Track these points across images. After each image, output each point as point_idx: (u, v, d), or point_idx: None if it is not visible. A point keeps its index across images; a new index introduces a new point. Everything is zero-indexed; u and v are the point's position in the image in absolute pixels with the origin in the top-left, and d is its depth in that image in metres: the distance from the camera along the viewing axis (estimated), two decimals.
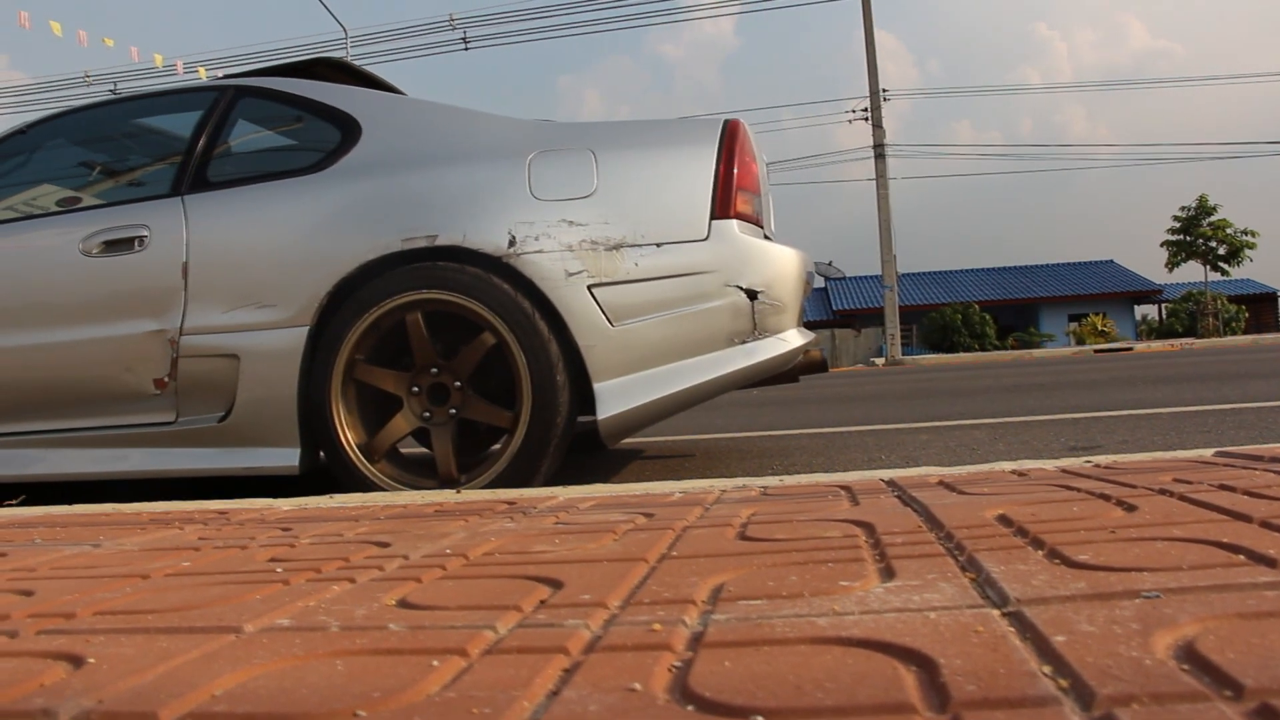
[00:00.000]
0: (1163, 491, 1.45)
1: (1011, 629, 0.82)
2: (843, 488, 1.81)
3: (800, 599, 0.93)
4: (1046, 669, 0.71)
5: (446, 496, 1.99)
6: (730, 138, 2.85)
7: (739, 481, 1.98)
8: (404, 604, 0.97)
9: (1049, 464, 2.03)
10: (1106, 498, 1.43)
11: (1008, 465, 2.03)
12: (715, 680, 0.70)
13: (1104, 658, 0.70)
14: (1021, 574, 0.99)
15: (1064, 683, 0.66)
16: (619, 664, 0.74)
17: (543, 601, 0.95)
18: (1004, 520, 1.30)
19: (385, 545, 1.33)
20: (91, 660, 0.82)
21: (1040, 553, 1.09)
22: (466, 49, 24.58)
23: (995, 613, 0.87)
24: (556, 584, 1.02)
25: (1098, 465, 1.94)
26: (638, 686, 0.69)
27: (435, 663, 0.75)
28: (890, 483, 1.85)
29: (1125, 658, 0.70)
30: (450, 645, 0.80)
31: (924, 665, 0.73)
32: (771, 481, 1.97)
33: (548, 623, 0.87)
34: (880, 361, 22.87)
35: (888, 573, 1.03)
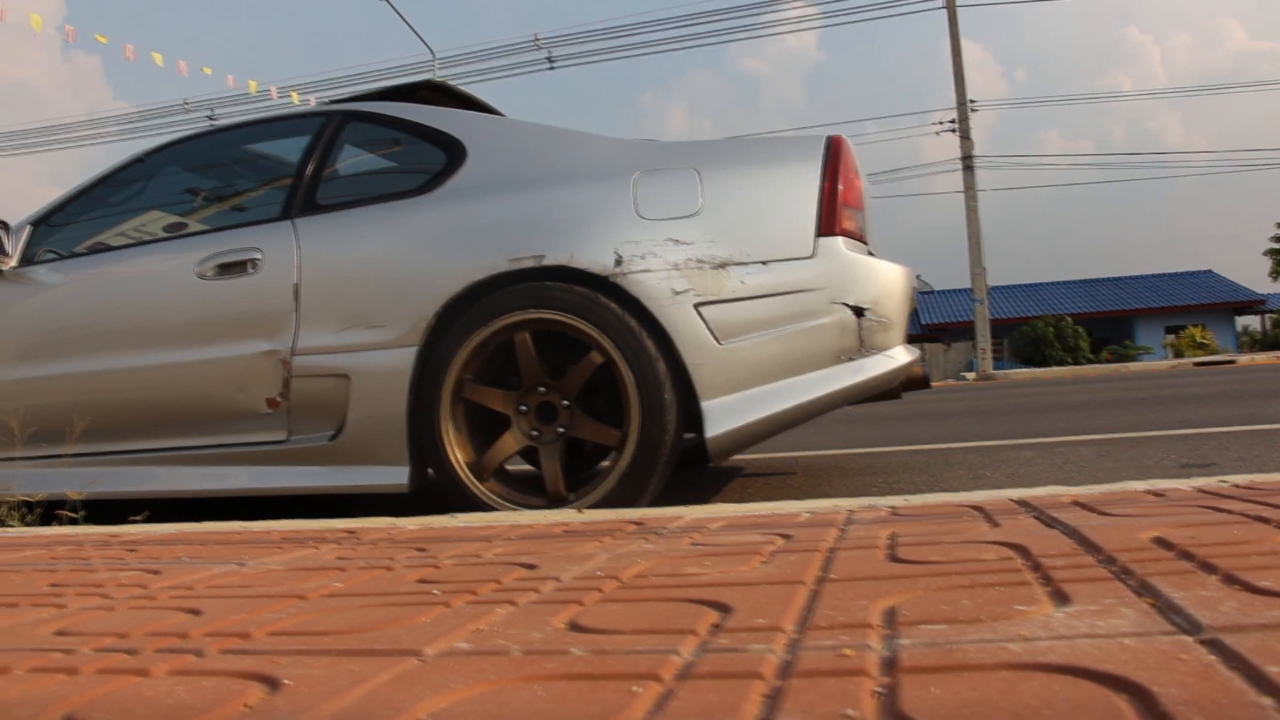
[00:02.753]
0: None
1: (1214, 657, 0.79)
2: (974, 508, 1.78)
3: (981, 624, 0.91)
4: (1267, 700, 0.69)
5: (571, 516, 2.00)
6: (834, 154, 2.83)
7: (864, 501, 1.95)
8: (575, 627, 0.97)
9: (1183, 484, 1.97)
10: (1265, 520, 1.38)
11: (1139, 485, 1.98)
12: (929, 707, 0.68)
13: None
14: (1205, 600, 0.95)
15: None
16: (822, 690, 0.73)
17: (715, 625, 0.95)
18: (1162, 543, 1.26)
19: (532, 567, 1.34)
20: (288, 682, 0.83)
21: (1215, 578, 1.05)
22: (552, 68, 24.85)
23: (1189, 640, 0.84)
24: (723, 607, 1.02)
25: (1236, 485, 1.87)
26: (852, 713, 0.67)
27: (635, 688, 0.75)
28: (1022, 503, 1.81)
29: None
30: (641, 670, 0.80)
31: (1137, 694, 0.71)
32: (897, 501, 1.94)
33: (731, 647, 0.86)
34: (971, 376, 22.49)
35: (1060, 597, 1.01)
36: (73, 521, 2.80)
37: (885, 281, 2.81)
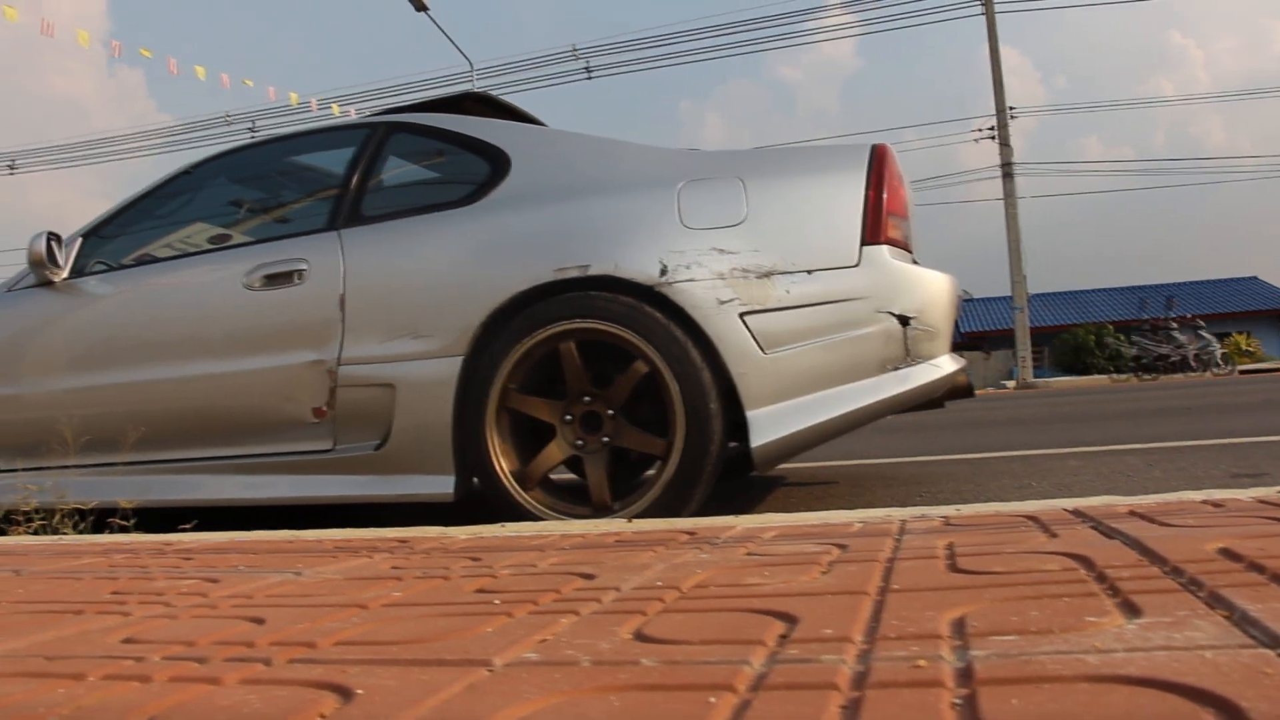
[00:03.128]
0: None
1: None
2: (1028, 518, 1.76)
3: (1053, 635, 0.89)
4: None
5: (621, 526, 2.00)
6: (879, 162, 2.82)
7: (916, 511, 1.94)
8: (642, 637, 0.97)
9: (1240, 493, 1.94)
10: None
11: (1195, 495, 1.95)
12: (1010, 719, 0.67)
13: None
14: None
15: None
16: (900, 701, 0.73)
17: (783, 636, 0.94)
18: (1229, 554, 1.24)
19: (591, 577, 1.34)
20: (360, 692, 0.83)
21: None
22: (590, 78, 24.94)
23: (1272, 654, 0.82)
24: (788, 618, 1.01)
25: None
26: None
27: (711, 699, 0.75)
28: (1077, 513, 1.78)
29: None
30: (715, 681, 0.79)
31: (1224, 708, 0.70)
32: (949, 511, 1.93)
33: (802, 658, 0.85)
34: (1011, 384, 22.26)
35: (1130, 609, 0.99)
36: (123, 529, 2.84)
37: (931, 290, 2.79)
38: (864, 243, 2.72)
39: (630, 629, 1.01)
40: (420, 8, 21.27)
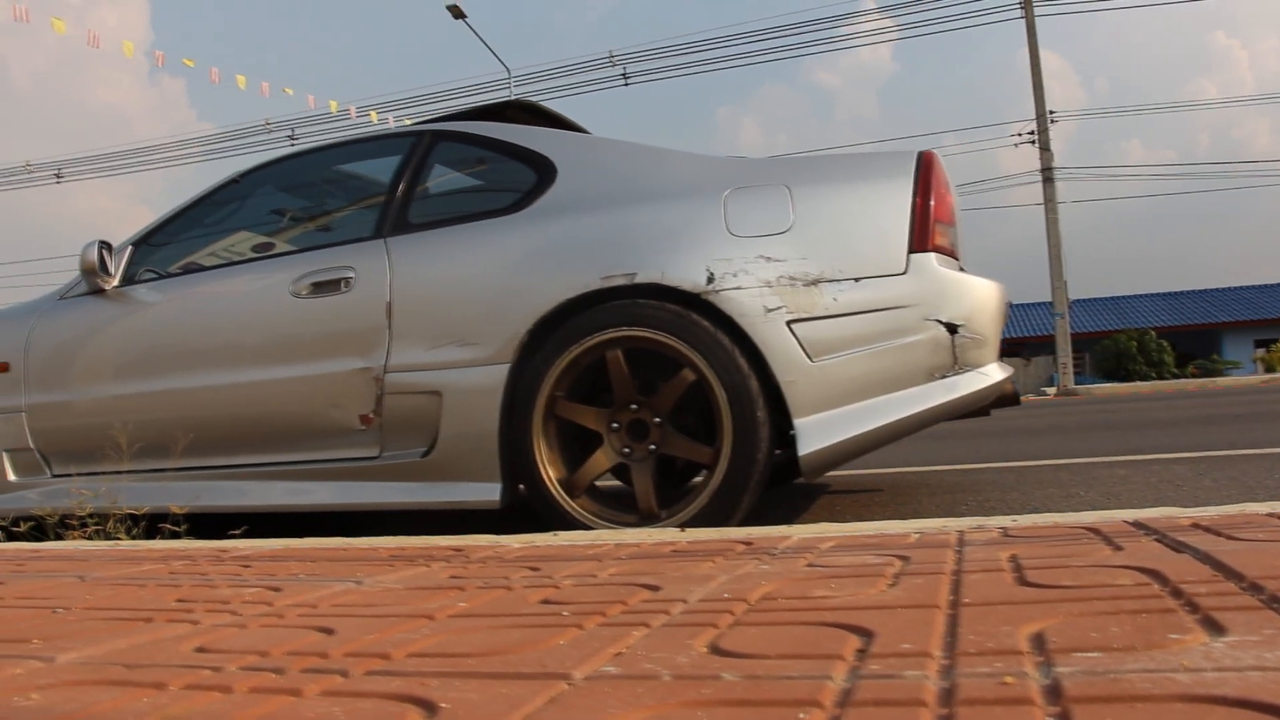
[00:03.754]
0: None
1: None
2: (1088, 529, 1.74)
3: (1137, 652, 0.88)
4: None
5: (675, 536, 2.00)
6: (925, 169, 2.80)
7: (971, 521, 1.92)
8: (717, 650, 0.96)
9: None
10: None
11: (1260, 507, 1.92)
12: None
13: None
14: None
15: None
16: (995, 719, 0.72)
17: (860, 650, 0.94)
18: None
19: (655, 588, 1.34)
20: (444, 705, 0.83)
21: None
22: (626, 84, 24.96)
23: None
24: (863, 632, 1.01)
25: None
26: None
27: (801, 715, 0.74)
28: (1138, 525, 1.76)
29: None
30: (801, 696, 0.79)
31: None
32: (1005, 522, 1.91)
33: (884, 673, 0.85)
34: (1052, 391, 22.04)
35: (1213, 626, 0.98)
36: (174, 535, 2.87)
37: (979, 298, 2.77)
38: (911, 250, 2.70)
39: (704, 642, 1.00)
40: (458, 15, 21.41)
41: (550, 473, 2.84)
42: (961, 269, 2.93)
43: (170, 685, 0.97)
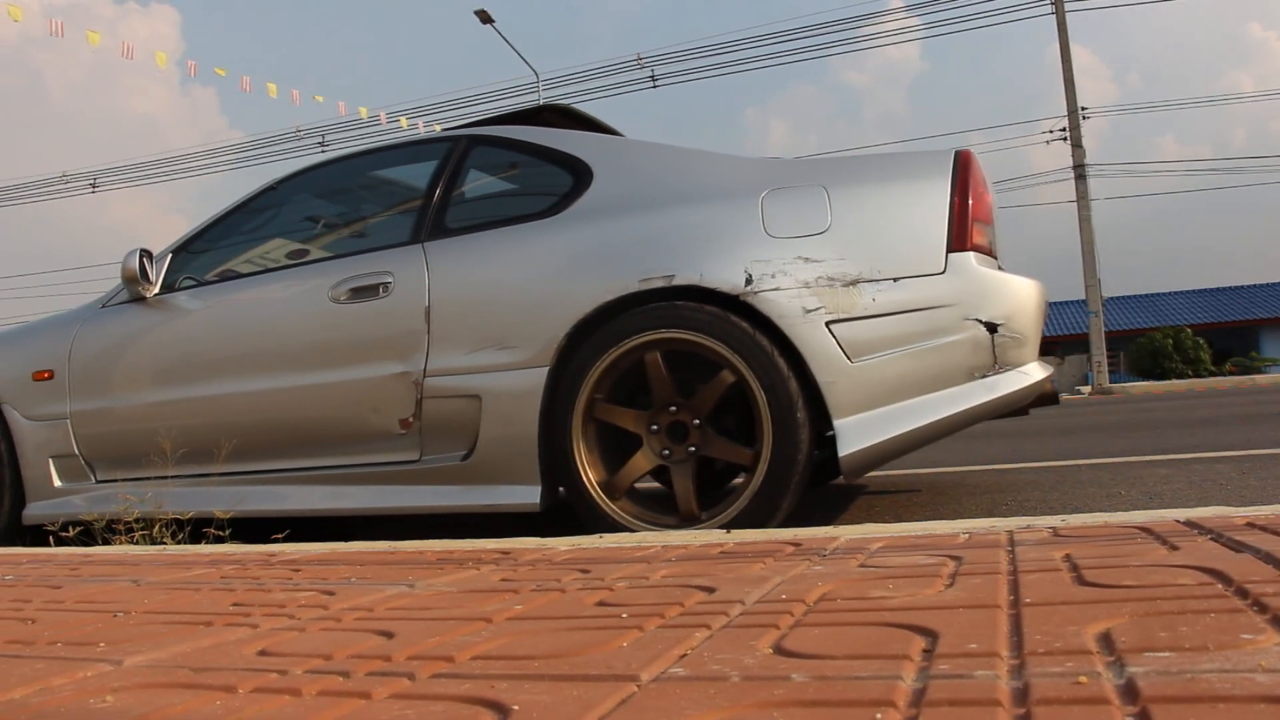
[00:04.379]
0: None
1: None
2: (1141, 529, 1.72)
3: (1210, 652, 0.88)
4: None
5: (721, 537, 2.00)
6: (963, 169, 2.79)
7: (1020, 521, 1.91)
8: (783, 652, 0.96)
9: None
10: None
11: None
12: None
13: None
14: None
15: None
16: (1072, 719, 0.72)
17: (926, 651, 0.93)
18: None
19: (710, 590, 1.34)
20: (515, 707, 0.84)
21: None
22: (655, 86, 24.94)
23: None
24: (927, 632, 1.00)
25: None
26: None
27: (878, 715, 0.74)
28: (1191, 524, 1.74)
29: None
30: (874, 697, 0.79)
31: None
32: (1054, 522, 1.90)
33: (955, 674, 0.85)
34: (1087, 390, 21.82)
35: None
36: (219, 539, 2.90)
37: (1018, 297, 2.75)
38: (950, 249, 2.69)
39: (768, 643, 1.01)
40: (487, 20, 21.50)
41: (590, 475, 2.84)
42: (1000, 268, 2.92)
43: (239, 689, 0.98)
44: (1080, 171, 22.43)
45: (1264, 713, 0.72)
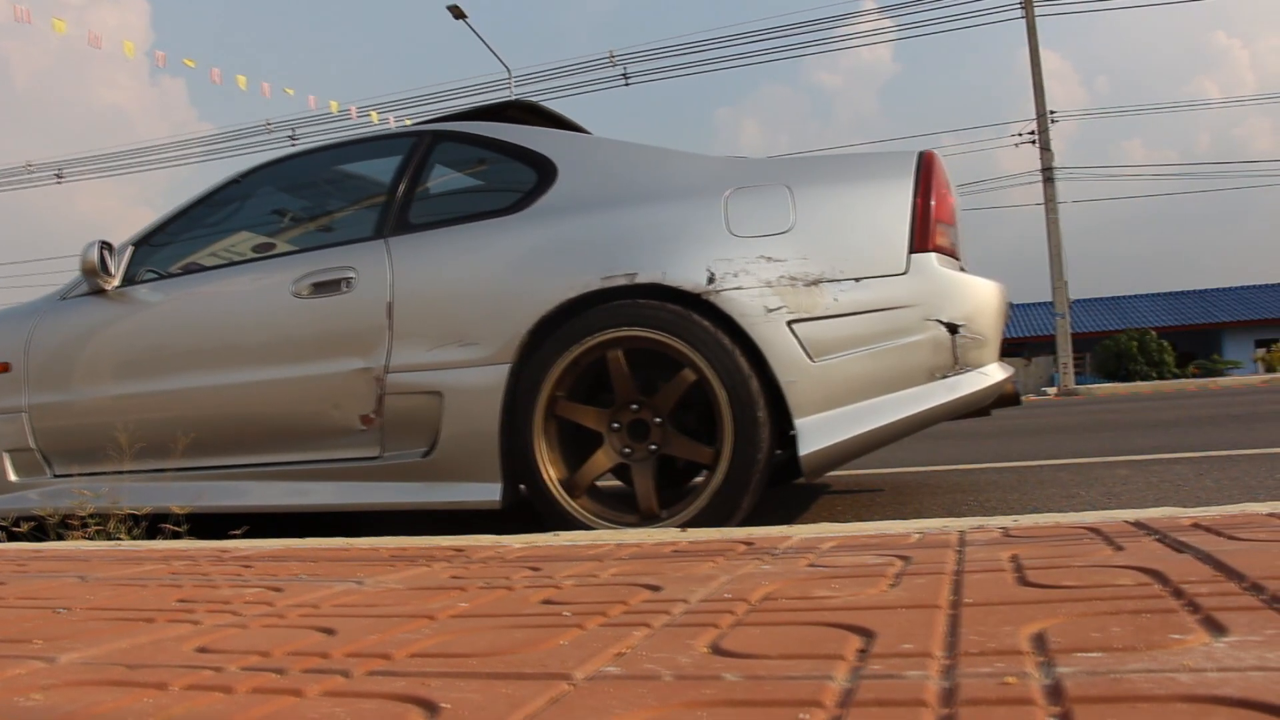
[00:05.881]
0: None
1: None
2: (1089, 529, 1.74)
3: (1139, 652, 0.88)
4: None
5: (676, 536, 2.00)
6: (926, 170, 2.80)
7: (972, 521, 1.92)
8: (719, 651, 0.96)
9: None
10: None
11: (1260, 508, 1.91)
12: None
13: None
14: None
15: None
16: (996, 719, 0.72)
17: (861, 650, 0.94)
18: None
19: (656, 588, 1.34)
20: (445, 705, 0.83)
21: None
22: (627, 84, 24.93)
23: None
24: (864, 632, 1.01)
25: None
26: None
27: (803, 715, 0.74)
28: (1139, 525, 1.76)
29: None
30: (803, 696, 0.79)
31: None
32: (1006, 522, 1.91)
33: (886, 674, 0.85)
34: (1052, 391, 22.01)
35: (1214, 626, 0.98)
36: (176, 535, 2.87)
37: (979, 298, 2.77)
38: (912, 250, 2.71)
39: (706, 642, 1.01)
40: (459, 15, 21.41)
41: (551, 473, 2.84)
42: (962, 269, 2.94)
43: (172, 685, 0.97)
44: (1048, 175, 22.61)
45: (1183, 711, 0.72)
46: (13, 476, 3.63)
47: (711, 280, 2.70)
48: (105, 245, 3.57)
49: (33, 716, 0.89)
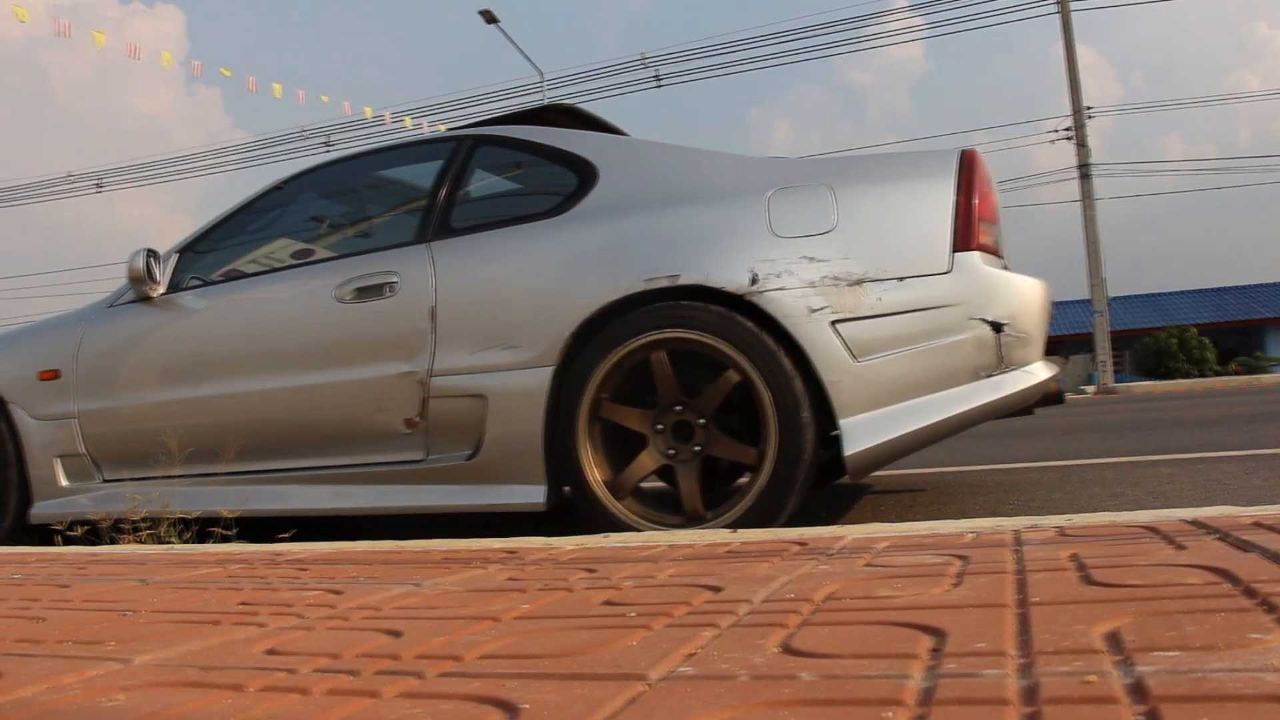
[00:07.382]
0: None
1: None
2: (1147, 528, 1.72)
3: (1219, 651, 0.88)
4: None
5: (727, 537, 2.00)
6: (968, 168, 2.79)
7: (1026, 521, 1.91)
8: (790, 650, 0.97)
9: None
10: None
11: None
12: None
13: None
14: None
15: None
16: (1081, 717, 0.72)
17: (934, 650, 0.94)
18: None
19: (717, 589, 1.34)
20: (525, 706, 0.84)
21: None
22: (659, 86, 24.90)
23: None
24: (934, 631, 1.00)
25: None
26: None
27: (887, 714, 0.74)
28: (1197, 523, 1.74)
29: None
30: (883, 695, 0.79)
31: None
32: (1060, 521, 1.90)
33: (962, 672, 0.85)
34: (1091, 389, 21.77)
35: None
36: (225, 539, 2.90)
37: (1023, 296, 2.75)
38: (955, 249, 2.69)
39: (776, 642, 1.01)
40: (491, 20, 21.51)
41: (595, 474, 2.85)
42: (1005, 267, 2.92)
43: (248, 687, 0.99)
44: (1085, 171, 22.37)
45: (1273, 712, 0.72)
46: (64, 481, 3.68)
47: (755, 281, 2.70)
48: (151, 253, 3.61)
49: (117, 717, 0.91)
